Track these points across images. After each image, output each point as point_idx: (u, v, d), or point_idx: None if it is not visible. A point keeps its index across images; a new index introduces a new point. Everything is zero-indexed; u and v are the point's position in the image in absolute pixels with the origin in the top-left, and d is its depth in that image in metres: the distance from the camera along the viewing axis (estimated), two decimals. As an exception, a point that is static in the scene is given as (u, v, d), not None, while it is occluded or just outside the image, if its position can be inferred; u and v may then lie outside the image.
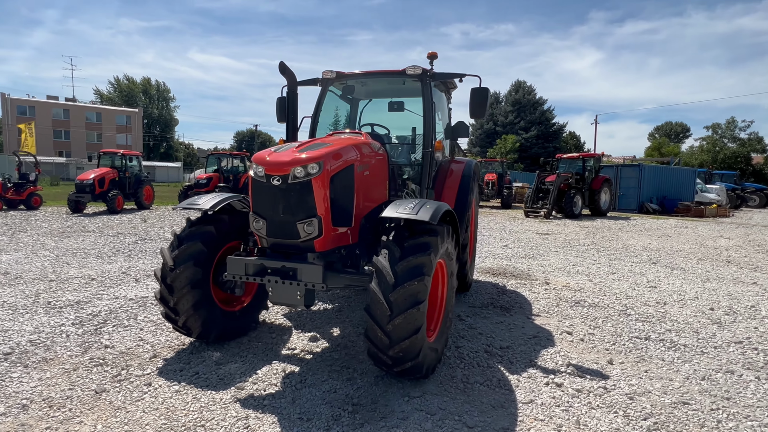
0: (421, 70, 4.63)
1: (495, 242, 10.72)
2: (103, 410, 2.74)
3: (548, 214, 17.49)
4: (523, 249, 9.73)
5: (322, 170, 3.14)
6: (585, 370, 3.51)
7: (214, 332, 3.70)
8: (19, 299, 5.06)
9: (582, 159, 19.69)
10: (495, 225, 14.72)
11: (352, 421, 2.69)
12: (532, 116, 39.75)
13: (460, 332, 4.29)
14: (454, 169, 5.49)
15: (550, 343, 4.10)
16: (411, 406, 2.86)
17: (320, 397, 2.98)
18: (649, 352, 3.92)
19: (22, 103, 51.46)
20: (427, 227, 3.15)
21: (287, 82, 4.66)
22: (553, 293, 5.91)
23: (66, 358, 3.51)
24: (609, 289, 6.27)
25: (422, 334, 2.92)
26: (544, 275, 7.08)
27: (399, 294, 2.82)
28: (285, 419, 2.70)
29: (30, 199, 15.08)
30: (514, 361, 3.65)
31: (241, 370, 3.36)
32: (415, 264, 2.91)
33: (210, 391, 3.02)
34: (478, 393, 3.09)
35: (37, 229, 10.85)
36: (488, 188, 23.74)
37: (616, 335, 4.34)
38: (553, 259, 8.62)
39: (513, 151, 34.62)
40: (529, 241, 11.12)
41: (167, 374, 3.26)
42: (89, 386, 3.03)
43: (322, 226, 3.18)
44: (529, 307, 5.25)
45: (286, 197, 3.16)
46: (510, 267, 7.67)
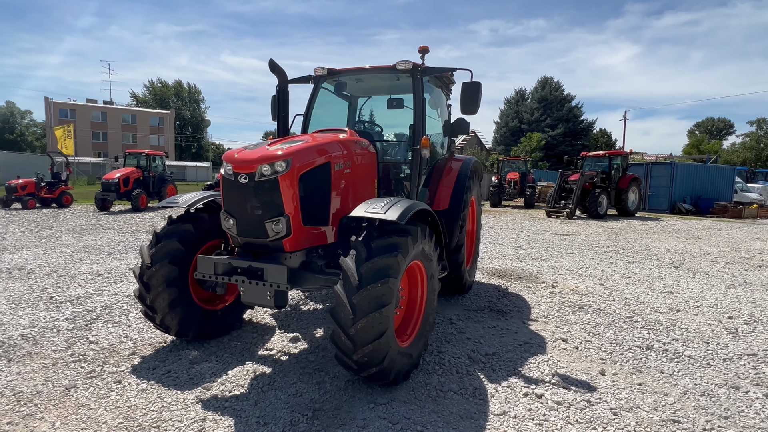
0: (412, 65, 4.49)
1: (509, 243, 10.40)
2: (66, 407, 2.77)
3: (571, 214, 16.88)
4: (536, 250, 9.39)
5: (289, 168, 3.07)
6: (571, 380, 3.29)
7: (192, 330, 3.69)
8: (25, 294, 5.24)
9: (608, 157, 18.91)
10: (513, 225, 14.33)
11: (309, 428, 2.60)
12: (559, 113, 38.50)
13: (447, 336, 4.13)
14: (451, 167, 5.32)
15: (541, 350, 3.88)
16: (374, 414, 2.74)
17: (284, 400, 2.90)
18: (647, 363, 3.65)
19: (64, 106, 54.30)
20: (399, 227, 3.02)
21: (278, 80, 4.62)
22: (558, 297, 5.64)
23: (50, 353, 3.58)
24: (620, 293, 5.93)
25: (387, 338, 2.80)
26: (552, 278, 6.79)
27: (362, 296, 2.71)
28: (242, 423, 2.64)
29: (61, 198, 15.81)
30: (497, 369, 3.47)
31: (212, 369, 3.33)
32: (381, 266, 2.79)
33: (176, 390, 3.00)
34: (450, 402, 2.94)
35: (62, 227, 11.33)
36: (510, 187, 23.20)
37: (615, 344, 4.07)
38: (566, 261, 8.27)
39: (538, 149, 33.65)
40: (545, 242, 10.74)
41: (139, 372, 3.27)
42: (61, 382, 3.07)
43: (290, 225, 3.10)
44: (527, 312, 5.02)
45: (253, 196, 3.10)
46: (518, 269, 7.40)
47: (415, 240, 3.08)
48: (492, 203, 23.11)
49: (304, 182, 3.21)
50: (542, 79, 40.69)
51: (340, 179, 3.67)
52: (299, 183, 3.16)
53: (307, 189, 3.26)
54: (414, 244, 3.06)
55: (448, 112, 5.79)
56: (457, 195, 5.03)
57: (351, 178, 3.83)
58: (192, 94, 70.01)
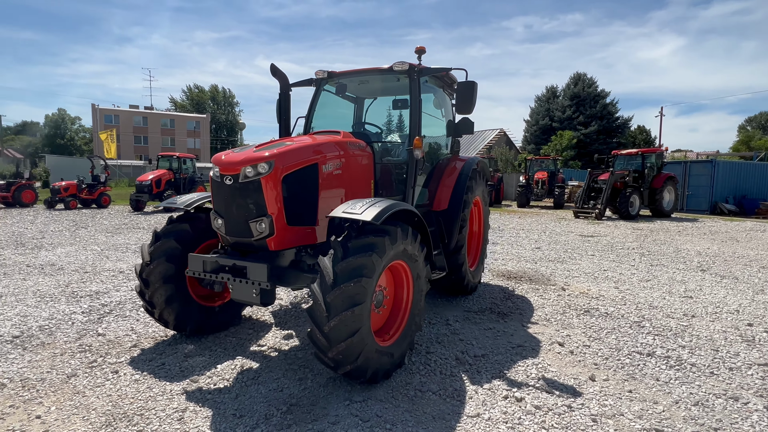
0: (408, 65, 4.51)
1: (527, 244, 10.18)
2: (64, 393, 2.97)
3: (600, 215, 16.29)
4: (555, 252, 9.15)
5: (272, 169, 3.16)
6: (557, 385, 3.22)
7: (189, 325, 3.86)
8: (51, 288, 5.63)
9: (641, 155, 18.11)
10: (536, 226, 13.99)
11: (281, 421, 2.68)
12: (592, 110, 37.03)
13: (440, 337, 4.12)
14: (453, 167, 5.29)
15: (533, 353, 3.81)
16: (347, 411, 2.78)
17: (264, 395, 3.00)
18: (644, 370, 3.51)
19: (108, 112, 57.58)
20: (377, 227, 3.05)
21: (279, 83, 4.75)
22: (565, 300, 5.49)
23: (60, 343, 3.84)
24: (633, 297, 5.70)
25: (362, 337, 2.84)
26: (564, 280, 6.60)
27: (336, 295, 2.76)
28: (219, 414, 2.75)
29: (100, 199, 16.78)
30: (482, 371, 3.43)
31: (204, 363, 3.47)
32: (355, 265, 2.84)
33: (165, 382, 3.16)
34: (426, 402, 2.94)
35: (97, 226, 12.03)
36: (538, 187, 22.63)
37: (614, 349, 3.93)
38: (584, 263, 8.02)
39: (569, 148, 32.56)
40: (566, 243, 10.43)
41: (136, 363, 3.45)
42: (65, 370, 3.29)
43: (273, 225, 3.19)
44: (529, 314, 4.92)
45: (238, 196, 3.22)
46: (531, 270, 7.24)
47: (394, 240, 3.10)
48: (519, 203, 22.64)
49: (287, 183, 3.30)
50: (575, 76, 39.31)
51: (330, 180, 3.73)
52: (282, 184, 3.25)
53: (292, 190, 3.35)
54: (393, 244, 3.08)
55: (453, 113, 5.75)
56: (456, 195, 5.00)
57: (343, 178, 3.89)
58: (227, 98, 72.45)
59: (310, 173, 3.51)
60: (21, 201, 15.77)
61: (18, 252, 7.99)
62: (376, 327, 3.38)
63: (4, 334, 4.00)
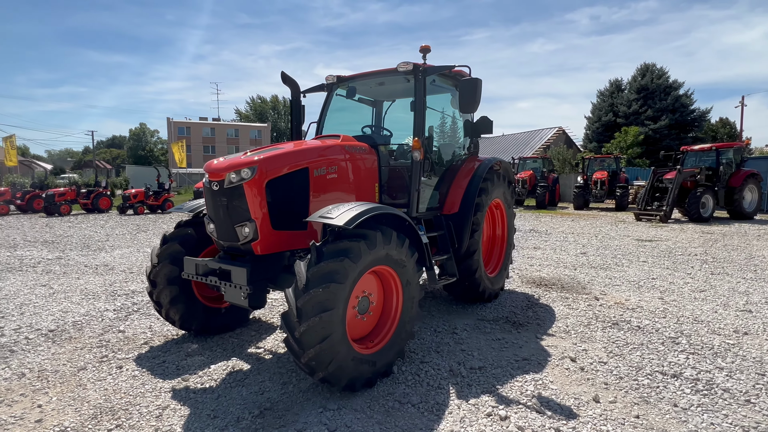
0: (412, 65, 4.40)
1: (573, 249, 9.52)
2: (69, 385, 3.21)
3: (665, 217, 14.84)
4: (602, 257, 8.46)
5: (254, 175, 3.21)
6: (552, 404, 2.94)
7: (194, 325, 4.03)
8: (97, 287, 6.16)
9: (715, 150, 16.28)
10: (589, 229, 13.06)
11: (250, 425, 2.69)
12: (662, 103, 33.73)
13: (440, 346, 3.95)
14: (467, 168, 5.07)
15: (538, 368, 3.51)
16: (317, 418, 2.74)
17: (243, 397, 3.04)
18: (662, 393, 3.10)
19: (181, 124, 62.70)
20: (355, 232, 2.99)
21: (291, 90, 4.86)
22: (595, 311, 5.04)
23: (85, 338, 4.18)
24: (678, 309, 5.10)
25: (332, 343, 2.78)
26: (602, 289, 6.07)
27: (306, 300, 2.73)
28: (195, 414, 2.82)
29: (164, 205, 18.21)
30: (473, 385, 3.22)
31: (200, 363, 3.60)
32: (327, 270, 2.79)
33: (159, 379, 3.31)
34: (402, 415, 2.81)
35: (157, 230, 13.04)
36: (597, 188, 21.12)
37: (634, 367, 3.53)
38: (632, 270, 7.33)
39: (635, 145, 29.99)
40: (618, 248, 9.62)
41: (140, 360, 3.66)
42: (77, 364, 3.57)
43: (257, 229, 3.24)
44: (548, 325, 4.57)
45: (224, 201, 3.30)
46: (567, 277, 6.75)
47: (373, 245, 3.01)
48: (575, 205, 21.28)
49: (273, 188, 3.33)
50: (642, 67, 36.05)
51: (323, 184, 3.72)
52: (266, 189, 3.28)
53: (278, 195, 3.38)
54: (371, 249, 2.99)
55: (471, 112, 5.51)
56: (467, 197, 4.78)
57: (339, 182, 3.87)
58: (287, 107, 75.82)
59: (298, 178, 3.52)
60: (98, 207, 17.58)
61: (82, 253, 8.87)
62: (361, 333, 3.31)
63: (42, 327, 4.43)
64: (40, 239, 10.63)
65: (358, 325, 3.24)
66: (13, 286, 6.12)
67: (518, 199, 22.40)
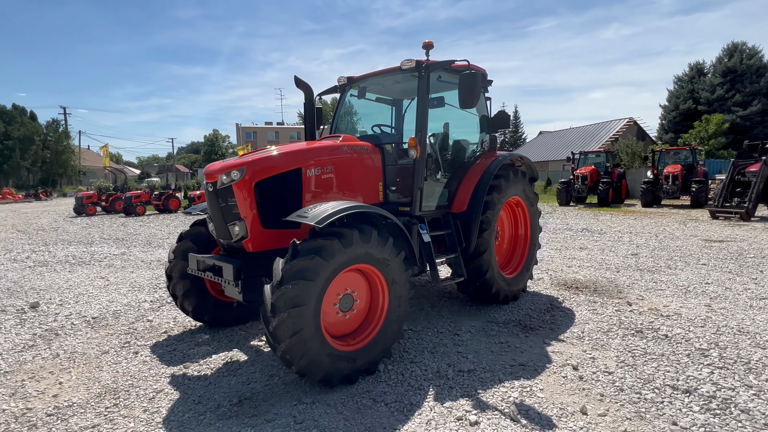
0: (415, 62, 4.37)
1: (624, 250, 8.80)
2: (89, 366, 3.60)
3: (747, 215, 13.18)
4: (655, 259, 7.74)
5: (243, 176, 3.37)
6: (531, 414, 2.77)
7: (206, 317, 4.32)
8: (145, 280, 6.79)
9: (813, 138, 14.14)
10: (651, 228, 11.96)
11: (226, 412, 2.85)
12: (753, 87, 29.51)
13: (437, 347, 3.87)
14: (478, 165, 4.92)
15: (532, 374, 3.33)
16: (289, 411, 2.83)
17: (230, 386, 3.22)
18: (664, 410, 2.80)
19: (248, 129, 66.92)
20: (326, 230, 3.05)
21: (304, 93, 5.04)
22: (622, 317, 4.64)
23: (119, 326, 4.65)
24: (724, 319, 4.55)
25: (304, 338, 2.86)
26: (641, 293, 5.57)
27: (278, 296, 2.84)
28: (183, 399, 3.04)
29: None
30: (456, 388, 3.14)
31: (205, 352, 3.86)
32: (298, 268, 2.87)
33: (164, 365, 3.60)
34: (371, 413, 2.82)
35: (214, 228, 14.02)
36: (668, 183, 19.26)
37: (643, 379, 3.22)
38: (685, 273, 6.63)
39: (718, 135, 26.69)
40: (678, 249, 8.73)
41: (156, 347, 4.00)
42: (102, 348, 3.99)
43: (246, 228, 3.41)
44: (562, 330, 4.30)
45: (217, 202, 3.51)
46: (605, 280, 6.27)
47: (349, 243, 3.04)
48: (643, 203, 19.55)
49: (262, 189, 3.47)
50: (729, 47, 31.96)
51: (318, 184, 3.82)
52: (255, 189, 3.43)
53: (268, 195, 3.52)
54: (347, 247, 3.03)
55: (487, 107, 5.34)
56: (476, 195, 4.64)
57: (336, 182, 3.95)
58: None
59: (290, 178, 3.63)
60: (168, 208, 19.28)
61: (143, 250, 9.81)
62: (345, 331, 3.36)
63: (88, 315, 4.99)
64: (113, 237, 11.90)
65: (340, 322, 3.29)
66: (78, 278, 6.93)
67: (579, 196, 21.05)
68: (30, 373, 3.48)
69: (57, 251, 9.55)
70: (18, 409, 2.92)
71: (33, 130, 42.99)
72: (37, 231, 13.26)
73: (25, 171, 43.09)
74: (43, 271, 7.49)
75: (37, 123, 45.32)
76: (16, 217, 18.19)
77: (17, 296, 5.87)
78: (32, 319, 4.86)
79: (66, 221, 16.09)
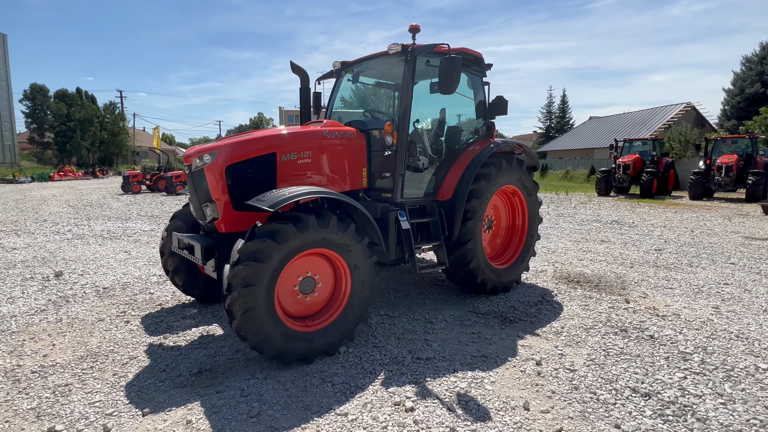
0: (401, 46, 4.30)
1: (648, 244, 8.31)
2: (83, 331, 3.95)
3: (806, 212, 11.99)
4: (678, 256, 7.27)
5: (214, 160, 3.51)
6: (471, 405, 2.76)
7: (196, 292, 4.57)
8: (162, 255, 7.23)
9: None
10: (688, 223, 11.16)
11: (183, 381, 3.06)
12: None
13: (407, 334, 3.90)
14: (470, 152, 4.80)
15: (488, 366, 3.29)
16: (240, 384, 2.99)
17: (197, 358, 3.42)
18: (612, 412, 2.69)
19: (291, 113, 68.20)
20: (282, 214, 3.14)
21: (300, 78, 5.13)
22: (613, 314, 4.44)
23: (123, 296, 5.02)
24: (726, 323, 4.24)
25: (256, 316, 2.98)
26: (646, 291, 5.29)
27: (232, 275, 2.98)
28: (152, 367, 3.28)
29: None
30: (407, 374, 3.16)
31: (187, 325, 4.11)
32: (252, 249, 2.99)
33: (147, 335, 3.88)
34: (315, 392, 2.91)
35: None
36: (721, 174, 17.78)
37: (604, 380, 3.09)
38: (705, 272, 6.20)
39: (788, 122, 24.01)
40: (709, 246, 8.13)
41: (147, 318, 4.30)
42: (100, 316, 4.34)
43: (217, 209, 3.56)
44: (542, 324, 4.18)
45: (193, 184, 3.68)
46: (612, 275, 5.99)
47: (305, 228, 3.11)
48: (691, 195, 18.20)
49: (233, 172, 3.59)
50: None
51: (294, 168, 3.89)
52: (226, 173, 3.56)
53: (240, 178, 3.63)
54: (303, 231, 3.10)
55: (485, 92, 5.18)
56: (462, 183, 4.54)
57: (314, 166, 4.01)
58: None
59: (264, 162, 3.73)
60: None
61: (171, 227, 10.41)
62: (306, 312, 3.46)
63: (99, 285, 5.43)
64: (150, 214, 12.70)
65: (300, 303, 3.39)
66: (105, 251, 7.51)
67: (620, 186, 19.88)
68: (31, 335, 3.86)
69: (96, 226, 10.35)
70: (10, 365, 3.28)
71: (92, 113, 46.21)
72: (85, 206, 14.39)
73: (85, 150, 46.51)
74: (77, 244, 8.16)
75: (96, 105, 48.63)
76: (71, 192, 19.79)
77: (49, 265, 6.46)
78: (52, 287, 5.35)
79: (113, 198, 17.31)
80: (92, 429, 2.51)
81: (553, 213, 13.04)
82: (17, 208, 13.86)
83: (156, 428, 2.52)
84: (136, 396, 2.86)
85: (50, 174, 30.45)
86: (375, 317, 4.31)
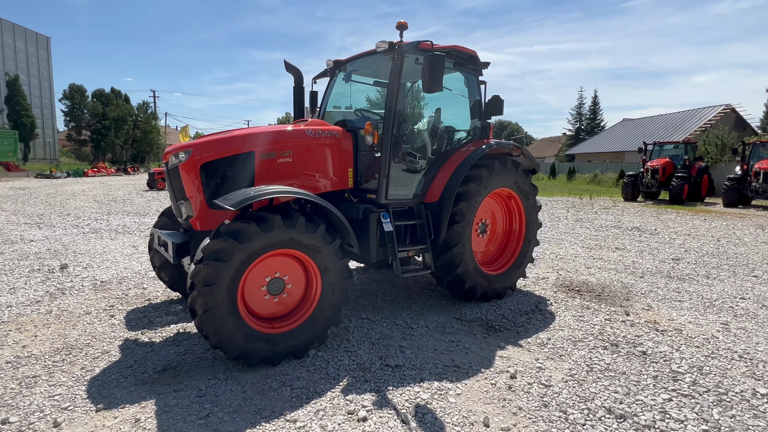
0: (388, 44, 4.21)
1: (666, 253, 7.87)
2: (66, 324, 4.03)
3: None
4: (697, 266, 6.84)
5: (188, 158, 3.50)
6: (427, 418, 2.63)
7: (181, 288, 4.61)
8: (166, 251, 7.39)
9: None
10: (716, 232, 10.53)
11: (147, 377, 3.06)
12: None
13: (383, 339, 3.79)
14: (461, 153, 4.65)
15: (459, 377, 3.14)
16: (198, 384, 2.96)
17: (167, 355, 3.43)
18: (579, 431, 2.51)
19: (318, 113, 69.15)
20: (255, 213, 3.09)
21: (294, 77, 5.12)
22: (604, 327, 4.19)
23: (116, 290, 5.13)
24: (732, 341, 3.93)
25: (216, 316, 2.95)
26: (651, 303, 4.98)
27: (195, 273, 2.96)
28: (120, 363, 3.30)
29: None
30: (371, 381, 3.06)
31: (168, 321, 4.14)
32: (214, 249, 2.96)
33: (128, 330, 3.92)
34: (272, 396, 2.85)
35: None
36: (758, 181, 16.74)
37: (579, 398, 2.90)
38: (722, 285, 5.79)
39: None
40: (734, 257, 7.62)
41: (132, 313, 4.36)
42: (88, 309, 4.43)
43: (192, 207, 3.55)
44: (528, 335, 3.99)
45: (171, 181, 3.69)
46: (618, 285, 5.68)
47: (270, 228, 3.06)
48: (725, 202, 17.23)
49: (208, 170, 3.58)
50: None
51: (274, 167, 3.85)
52: (201, 171, 3.54)
53: (215, 176, 3.61)
54: (267, 232, 3.05)
55: (480, 92, 5.01)
56: (450, 184, 4.40)
57: (296, 166, 3.96)
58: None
59: (242, 161, 3.70)
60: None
61: (184, 223, 10.65)
62: (274, 313, 3.40)
63: (97, 279, 5.57)
64: (167, 210, 13.04)
65: (268, 304, 3.34)
66: (114, 246, 7.73)
67: (649, 191, 19.03)
68: (18, 325, 3.98)
69: (113, 221, 10.70)
70: (-12, 355, 3.37)
71: (126, 112, 48.36)
72: (109, 201, 14.94)
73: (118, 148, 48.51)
74: (91, 238, 8.45)
75: (130, 105, 50.82)
76: (101, 188, 20.62)
77: (59, 258, 6.70)
78: (54, 279, 5.52)
79: (137, 194, 17.92)
80: (44, 423, 2.53)
81: (572, 218, 12.59)
82: (47, 202, 14.53)
83: (104, 425, 2.52)
84: (95, 391, 2.88)
85: (84, 170, 31.91)
86: (355, 320, 4.22)
